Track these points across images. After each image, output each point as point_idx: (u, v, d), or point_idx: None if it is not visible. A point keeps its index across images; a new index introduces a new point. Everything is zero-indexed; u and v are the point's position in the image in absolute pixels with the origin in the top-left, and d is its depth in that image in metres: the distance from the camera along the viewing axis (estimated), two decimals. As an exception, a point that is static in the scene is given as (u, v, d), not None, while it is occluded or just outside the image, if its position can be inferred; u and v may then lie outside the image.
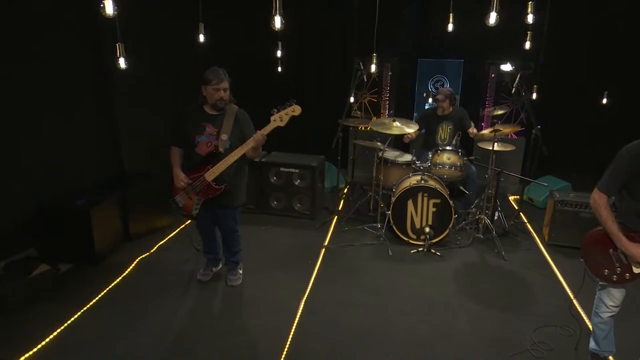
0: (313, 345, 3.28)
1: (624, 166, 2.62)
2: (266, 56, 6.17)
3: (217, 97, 3.47)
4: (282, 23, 2.68)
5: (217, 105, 3.51)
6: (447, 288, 4.08)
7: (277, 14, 2.61)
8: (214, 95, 3.47)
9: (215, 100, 3.48)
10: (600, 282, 2.82)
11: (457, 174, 5.04)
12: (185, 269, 4.27)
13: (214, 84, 3.44)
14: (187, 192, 3.61)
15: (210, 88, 3.46)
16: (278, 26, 2.70)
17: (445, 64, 6.85)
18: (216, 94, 3.46)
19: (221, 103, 3.50)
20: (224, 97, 3.49)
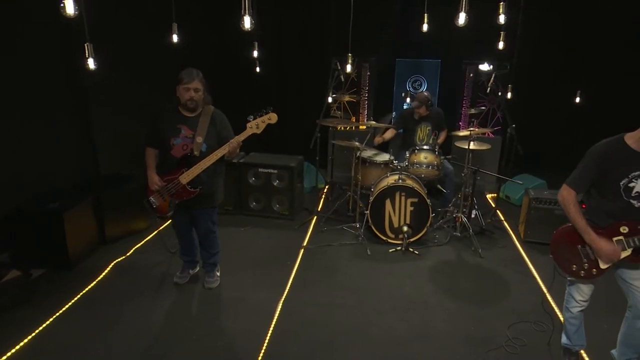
0: (291, 346, 3.27)
1: (593, 164, 2.67)
2: (244, 56, 6.13)
3: (187, 97, 3.45)
4: (251, 23, 2.67)
5: (187, 106, 3.49)
6: (424, 287, 4.12)
7: (246, 14, 2.59)
8: (184, 95, 3.45)
9: (186, 100, 3.46)
10: (569, 277, 2.88)
11: (434, 173, 5.08)
12: (161, 272, 4.22)
13: (185, 83, 3.42)
14: (161, 194, 3.57)
15: (181, 87, 3.45)
16: (247, 26, 2.68)
17: (423, 64, 6.91)
18: (186, 93, 3.44)
19: (191, 103, 3.47)
20: (194, 97, 3.46)
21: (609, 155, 2.62)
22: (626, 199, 2.65)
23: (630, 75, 6.16)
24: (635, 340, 2.86)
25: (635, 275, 2.72)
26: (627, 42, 6.01)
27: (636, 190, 2.63)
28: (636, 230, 2.63)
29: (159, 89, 4.46)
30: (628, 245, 2.64)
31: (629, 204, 2.65)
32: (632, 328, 2.84)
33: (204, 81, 3.51)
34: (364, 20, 6.79)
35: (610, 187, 2.65)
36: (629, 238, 2.64)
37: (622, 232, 2.65)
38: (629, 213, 2.65)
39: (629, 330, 2.87)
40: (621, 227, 2.65)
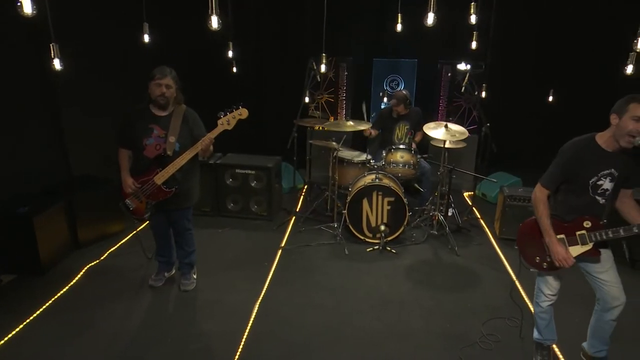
0: (267, 347, 3.26)
1: (566, 163, 2.73)
2: (220, 56, 6.08)
3: (158, 93, 3.42)
4: (219, 23, 2.64)
5: (157, 102, 3.46)
6: (401, 285, 4.14)
7: (213, 14, 2.56)
8: (155, 91, 3.43)
9: (157, 96, 3.43)
10: (532, 269, 2.94)
11: (410, 172, 5.12)
12: (136, 275, 4.16)
13: (157, 79, 3.40)
14: (137, 196, 3.53)
15: (153, 83, 3.42)
16: (215, 26, 2.66)
17: (400, 64, 6.95)
18: (157, 89, 3.42)
19: (162, 99, 3.44)
20: (165, 93, 3.43)
21: (581, 154, 2.68)
22: (592, 196, 2.71)
23: (600, 75, 6.28)
24: (604, 332, 2.93)
25: (599, 269, 2.79)
26: (598, 41, 6.13)
27: (603, 188, 2.70)
28: (598, 225, 2.70)
29: (132, 89, 4.39)
30: (590, 239, 2.71)
31: (594, 200, 2.72)
32: (601, 321, 2.91)
33: (176, 79, 3.49)
34: (341, 20, 6.82)
35: (580, 184, 2.72)
36: (591, 233, 2.70)
37: (585, 226, 2.72)
38: (593, 209, 2.73)
39: (598, 323, 2.94)
40: (585, 222, 2.72)
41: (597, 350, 3.00)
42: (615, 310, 2.80)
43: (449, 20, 4.99)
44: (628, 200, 2.79)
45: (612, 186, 2.69)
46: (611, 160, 2.64)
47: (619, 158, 2.64)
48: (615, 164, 2.64)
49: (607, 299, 2.81)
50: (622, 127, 2.53)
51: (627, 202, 2.79)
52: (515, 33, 6.38)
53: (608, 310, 2.83)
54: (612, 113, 2.59)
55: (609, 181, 2.67)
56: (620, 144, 2.57)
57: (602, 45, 6.01)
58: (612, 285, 2.78)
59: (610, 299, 2.79)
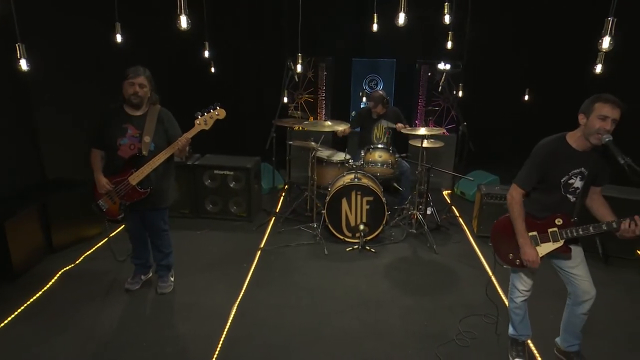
0: (244, 349, 3.24)
1: (539, 163, 2.77)
2: (198, 56, 6.03)
3: (131, 92, 3.39)
4: (188, 23, 2.61)
5: (130, 101, 3.43)
6: (380, 284, 4.15)
7: (182, 14, 2.53)
8: (128, 90, 3.40)
9: (130, 95, 3.40)
10: (505, 265, 2.98)
11: (389, 172, 5.14)
12: (112, 279, 4.09)
13: (130, 78, 3.37)
14: (110, 197, 3.48)
15: (126, 82, 3.39)
16: (184, 26, 2.63)
17: (379, 64, 6.98)
18: (131, 88, 3.39)
19: (135, 98, 3.41)
20: (138, 92, 3.40)
21: (554, 154, 2.73)
22: (564, 194, 2.76)
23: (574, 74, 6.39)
24: (576, 327, 2.98)
25: (571, 264, 2.85)
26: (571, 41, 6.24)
27: (574, 186, 2.75)
28: (569, 223, 2.75)
29: (107, 89, 4.33)
30: (561, 236, 2.76)
31: (565, 198, 2.77)
32: (572, 315, 2.96)
33: (150, 78, 3.47)
34: (320, 20, 6.83)
35: (552, 182, 2.76)
36: (562, 230, 2.75)
37: (557, 224, 2.76)
38: (564, 206, 2.78)
39: (570, 318, 2.99)
40: (556, 220, 2.76)
41: (570, 344, 3.06)
42: (586, 304, 2.86)
43: (426, 20, 5.05)
44: (597, 197, 2.85)
45: (582, 184, 2.74)
46: (581, 160, 2.69)
47: (589, 157, 2.69)
48: (586, 163, 2.69)
49: (578, 293, 2.86)
50: (590, 127, 2.57)
51: (597, 200, 2.84)
52: (491, 33, 6.46)
53: (579, 304, 2.88)
54: (580, 113, 2.64)
55: (580, 180, 2.72)
56: (591, 142, 2.62)
57: (575, 44, 6.11)
58: (582, 279, 2.83)
59: (581, 293, 2.85)
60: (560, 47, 6.34)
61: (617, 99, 2.53)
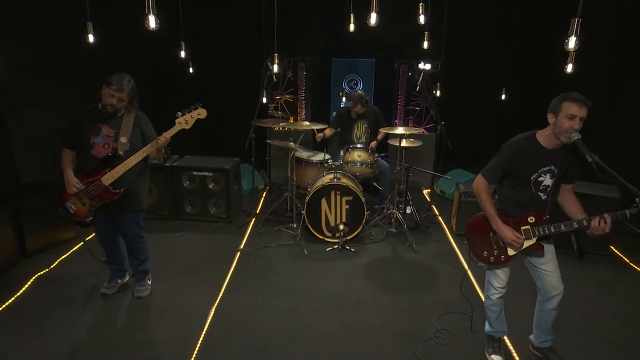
0: (222, 352, 3.21)
1: (507, 159, 2.81)
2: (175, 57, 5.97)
3: (109, 102, 3.36)
4: (157, 23, 2.58)
5: (105, 109, 3.40)
6: (359, 284, 4.16)
7: (150, 14, 2.50)
8: (107, 99, 3.36)
9: (106, 104, 3.37)
10: (480, 263, 3.01)
11: (368, 171, 5.16)
12: (88, 283, 4.02)
13: (113, 89, 3.32)
14: (79, 198, 3.42)
15: (107, 91, 3.34)
16: (153, 26, 2.60)
17: (358, 63, 7.00)
18: (110, 98, 3.35)
19: (110, 108, 3.39)
20: (115, 104, 3.37)
21: (522, 151, 2.77)
22: (534, 192, 2.80)
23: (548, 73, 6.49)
24: (547, 323, 3.03)
25: (542, 260, 2.90)
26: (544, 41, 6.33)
27: (544, 184, 2.79)
28: (541, 220, 2.79)
29: (80, 90, 4.26)
30: (534, 234, 2.80)
31: (536, 196, 2.81)
32: (542, 311, 3.01)
33: (134, 91, 3.42)
34: (300, 20, 6.82)
35: (522, 180, 2.80)
36: (534, 228, 2.79)
37: (529, 221, 2.80)
38: (536, 204, 2.82)
39: (541, 314, 3.04)
40: (529, 217, 2.80)
41: (542, 340, 3.10)
42: (554, 299, 2.91)
43: (404, 19, 5.07)
44: (569, 195, 2.89)
45: (552, 182, 2.78)
46: (550, 157, 2.73)
47: (558, 155, 2.73)
48: (555, 161, 2.74)
49: (547, 289, 2.91)
50: (559, 126, 2.62)
51: (568, 197, 2.89)
52: (468, 33, 6.53)
53: (548, 299, 2.93)
54: (549, 112, 2.69)
55: (550, 177, 2.76)
56: (561, 140, 2.66)
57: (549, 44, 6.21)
58: (552, 275, 2.88)
59: (550, 288, 2.90)
60: (535, 46, 6.43)
61: (584, 98, 2.58)
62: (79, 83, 4.66)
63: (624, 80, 5.50)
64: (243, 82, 7.14)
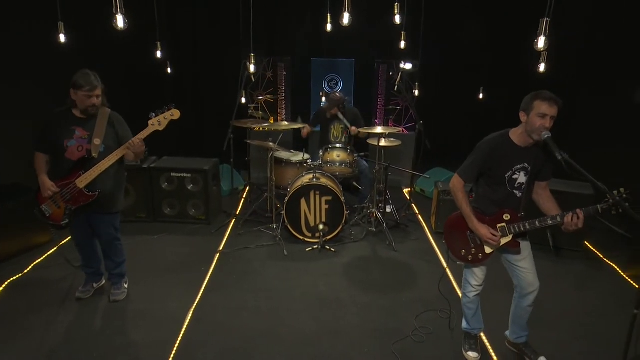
0: (199, 355, 3.18)
1: (481, 158, 2.84)
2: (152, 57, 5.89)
3: (89, 104, 3.31)
4: (125, 22, 2.54)
5: (88, 112, 3.35)
6: (338, 283, 4.16)
7: (118, 13, 2.46)
8: (85, 102, 3.30)
9: (87, 107, 3.32)
10: (458, 262, 3.03)
11: (347, 171, 5.16)
12: (63, 288, 3.95)
13: (87, 90, 3.26)
14: (54, 201, 3.37)
15: (82, 94, 3.27)
16: (121, 25, 2.56)
17: (338, 63, 7.00)
18: (88, 100, 3.29)
19: (92, 109, 3.35)
20: (96, 103, 3.33)
21: (496, 150, 2.80)
22: (510, 190, 2.83)
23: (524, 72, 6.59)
24: (522, 319, 3.07)
25: (518, 257, 2.93)
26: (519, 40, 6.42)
27: (519, 182, 2.82)
28: (517, 218, 2.82)
29: (54, 91, 4.19)
30: (509, 231, 2.82)
31: (511, 194, 2.84)
32: (519, 307, 3.05)
33: (102, 85, 3.36)
34: (279, 19, 6.80)
35: (497, 178, 2.83)
36: (510, 225, 2.82)
37: (504, 219, 2.83)
38: (511, 202, 2.85)
39: (517, 310, 3.08)
40: (504, 215, 2.83)
41: (518, 336, 3.14)
42: (530, 295, 2.95)
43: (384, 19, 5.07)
44: (543, 192, 2.93)
45: (527, 180, 2.81)
46: (524, 155, 2.77)
47: (531, 152, 2.77)
48: (528, 159, 2.77)
49: (523, 285, 2.95)
50: (531, 124, 2.65)
51: (543, 194, 2.92)
52: (445, 32, 6.58)
53: (524, 296, 2.97)
54: (521, 111, 2.72)
55: (524, 175, 2.80)
56: (533, 139, 2.69)
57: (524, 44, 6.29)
58: (528, 272, 2.92)
59: (526, 285, 2.93)
60: (511, 46, 6.50)
61: (554, 97, 2.61)
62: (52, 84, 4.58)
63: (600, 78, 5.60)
64: (222, 83, 7.08)
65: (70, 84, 3.28)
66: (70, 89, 3.29)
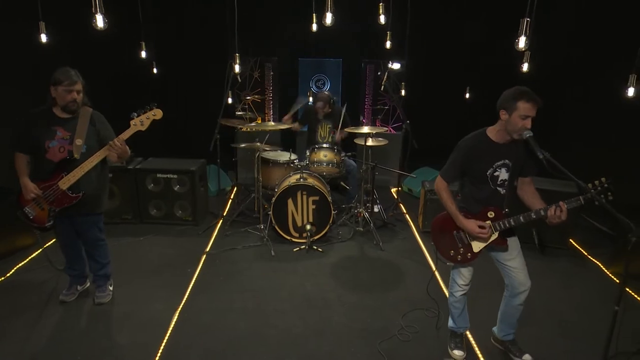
0: (183, 357, 3.15)
1: (461, 157, 2.86)
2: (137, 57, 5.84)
3: (70, 99, 3.26)
4: (105, 22, 2.52)
5: (68, 108, 3.30)
6: (325, 283, 4.16)
7: (97, 12, 2.43)
8: (66, 97, 3.25)
9: (67, 102, 3.27)
10: (448, 262, 3.04)
11: (335, 171, 5.16)
12: (47, 291, 3.89)
13: (66, 85, 3.23)
14: (38, 203, 3.33)
15: (61, 89, 3.24)
16: (101, 25, 2.53)
17: (325, 63, 7.00)
18: (68, 95, 3.25)
19: (73, 105, 3.30)
20: (77, 99, 3.29)
21: (474, 148, 2.82)
22: (493, 187, 2.84)
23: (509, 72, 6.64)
24: (512, 317, 3.09)
25: (508, 257, 2.94)
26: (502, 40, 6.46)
27: (501, 179, 2.83)
28: (501, 215, 2.83)
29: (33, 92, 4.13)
30: (495, 229, 2.84)
31: (495, 191, 2.85)
32: (509, 306, 3.06)
33: (83, 82, 3.33)
34: (266, 19, 6.77)
35: (479, 176, 2.85)
36: (495, 222, 2.83)
37: (489, 217, 2.84)
38: (496, 199, 2.86)
39: (507, 309, 3.09)
40: (489, 213, 2.84)
41: (506, 334, 3.16)
42: (522, 295, 2.96)
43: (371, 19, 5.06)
44: (527, 187, 2.94)
45: (508, 176, 2.83)
46: (503, 152, 2.79)
47: (510, 149, 2.79)
48: (508, 155, 2.79)
49: (514, 285, 2.96)
50: (513, 124, 2.66)
51: (527, 190, 2.94)
52: (431, 32, 6.59)
53: (515, 295, 2.98)
54: (502, 109, 2.72)
55: (505, 171, 2.81)
56: (513, 137, 2.71)
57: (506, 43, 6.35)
58: (518, 271, 2.93)
59: (517, 285, 2.94)
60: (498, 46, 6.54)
61: (537, 97, 2.62)
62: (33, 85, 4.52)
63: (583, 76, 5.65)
64: (209, 83, 7.03)
65: (50, 82, 3.24)
66: (50, 86, 3.26)
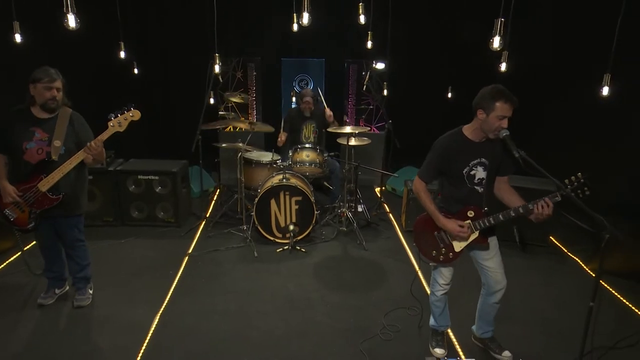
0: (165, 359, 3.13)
1: (437, 157, 2.89)
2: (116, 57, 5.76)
3: (49, 97, 3.22)
4: (77, 22, 2.48)
5: (47, 106, 3.25)
6: (308, 283, 4.16)
7: (69, 12, 2.40)
8: (45, 95, 3.21)
9: (46, 100, 3.22)
10: (430, 262, 3.05)
11: (317, 171, 5.16)
12: (24, 295, 3.83)
13: (46, 82, 3.18)
14: (18, 205, 3.29)
15: (40, 86, 3.19)
16: (72, 25, 2.50)
17: (308, 63, 6.99)
18: (48, 92, 3.21)
19: (52, 103, 3.25)
20: (56, 96, 3.24)
21: (450, 147, 2.84)
22: (470, 186, 2.86)
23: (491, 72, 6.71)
24: (489, 315, 3.12)
25: (486, 256, 2.97)
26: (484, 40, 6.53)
27: (478, 177, 2.85)
28: (481, 214, 2.85)
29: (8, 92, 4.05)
30: (475, 228, 2.86)
31: (473, 190, 2.87)
32: (486, 304, 3.09)
33: (64, 81, 3.29)
34: (248, 19, 6.74)
35: (456, 175, 2.86)
36: (475, 221, 2.85)
37: (469, 216, 2.86)
38: (474, 198, 2.88)
39: (484, 307, 3.12)
40: (468, 212, 2.86)
41: (484, 331, 3.19)
42: (498, 293, 2.99)
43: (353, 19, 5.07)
44: (505, 186, 2.97)
45: (486, 175, 2.84)
46: (479, 150, 2.81)
47: (486, 147, 2.81)
48: (484, 153, 2.81)
49: (491, 283, 2.99)
50: (490, 124, 2.68)
51: (505, 189, 2.97)
52: (412, 32, 6.62)
53: (492, 294, 3.01)
54: (479, 108, 2.74)
55: (482, 170, 2.83)
56: (489, 137, 2.74)
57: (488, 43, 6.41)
58: (495, 271, 2.96)
59: (494, 283, 2.97)
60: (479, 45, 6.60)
61: (514, 98, 2.65)
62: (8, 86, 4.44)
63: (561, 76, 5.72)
64: (191, 83, 6.98)
65: (29, 80, 3.20)
66: (29, 84, 3.22)
